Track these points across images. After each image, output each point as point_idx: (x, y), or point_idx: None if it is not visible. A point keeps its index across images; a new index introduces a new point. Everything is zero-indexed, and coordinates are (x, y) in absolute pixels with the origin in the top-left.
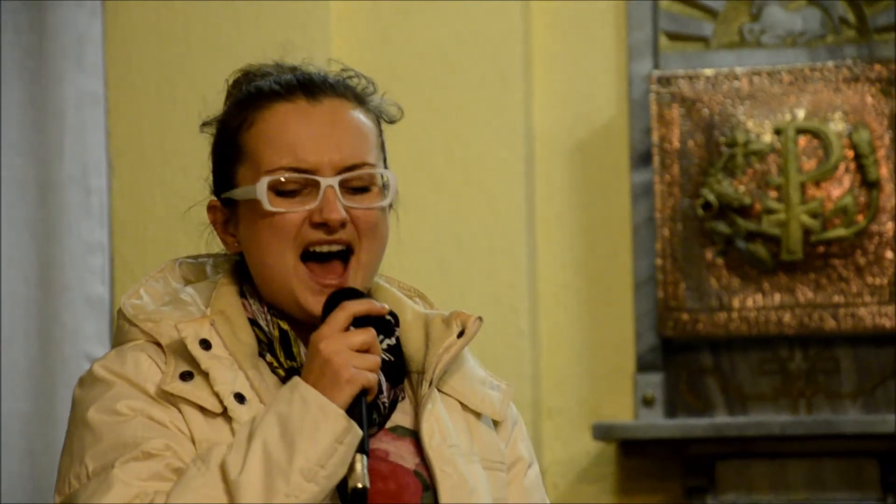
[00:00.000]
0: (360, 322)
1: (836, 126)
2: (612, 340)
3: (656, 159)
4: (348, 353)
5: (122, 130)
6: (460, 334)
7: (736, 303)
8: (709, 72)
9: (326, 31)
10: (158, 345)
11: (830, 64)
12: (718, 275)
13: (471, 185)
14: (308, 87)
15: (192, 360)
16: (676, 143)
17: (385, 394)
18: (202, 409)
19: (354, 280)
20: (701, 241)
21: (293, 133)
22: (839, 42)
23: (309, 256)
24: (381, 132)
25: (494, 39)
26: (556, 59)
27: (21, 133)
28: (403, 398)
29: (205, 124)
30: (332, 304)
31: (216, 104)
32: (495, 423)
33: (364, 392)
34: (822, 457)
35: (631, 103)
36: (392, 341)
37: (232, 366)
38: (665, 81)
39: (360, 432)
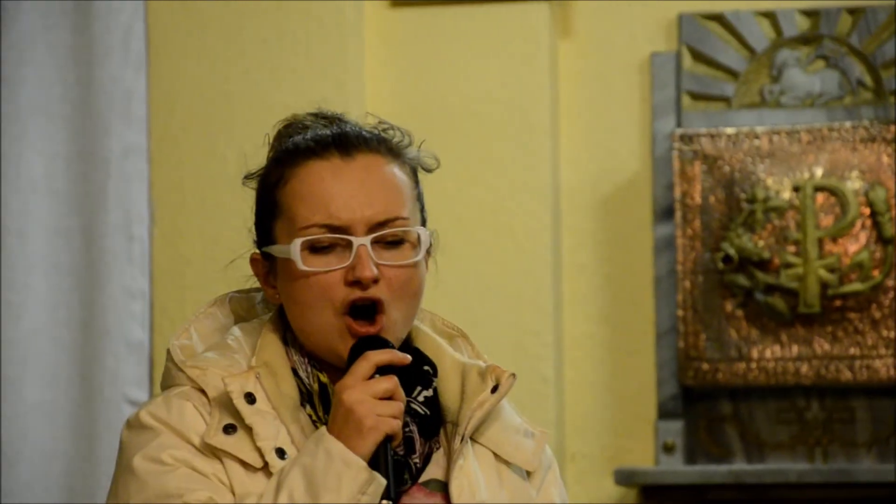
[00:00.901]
0: (385, 370)
1: (853, 184)
2: (634, 388)
3: (678, 214)
4: (371, 402)
5: (164, 181)
6: (494, 389)
7: (755, 353)
8: (730, 130)
9: (360, 86)
10: (203, 391)
11: (848, 124)
12: (738, 326)
13: (499, 236)
14: (342, 143)
15: (237, 414)
16: (698, 199)
17: (418, 451)
18: (243, 463)
19: (386, 334)
20: (721, 294)
21: (326, 190)
22: (856, 103)
23: (348, 310)
24: (416, 184)
25: (523, 96)
26: (582, 116)
27: (67, 183)
28: (438, 449)
29: (247, 177)
30: (355, 353)
31: (255, 156)
32: (528, 472)
33: (388, 439)
34: None
35: (654, 160)
36: (429, 393)
37: (275, 420)
38: (688, 139)
39: (383, 482)
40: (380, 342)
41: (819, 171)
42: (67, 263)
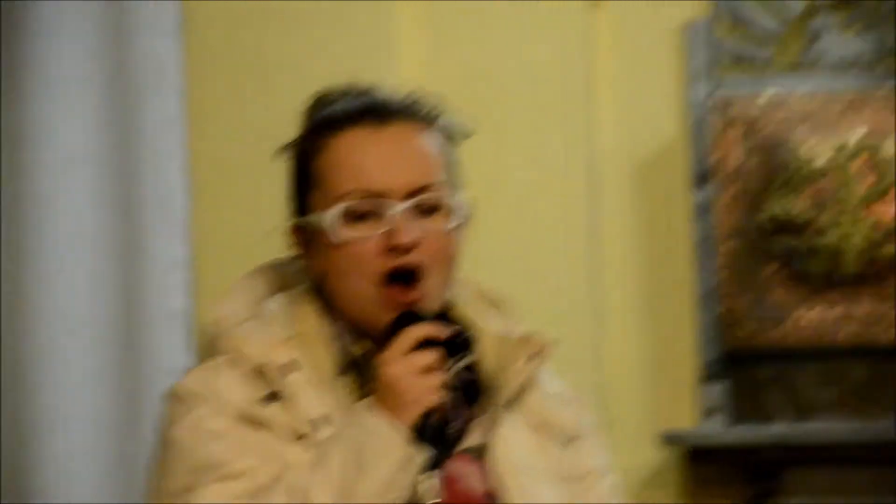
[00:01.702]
0: (426, 344)
1: (891, 147)
2: (674, 352)
3: (716, 179)
4: (412, 376)
5: (202, 150)
6: (534, 356)
7: (795, 316)
8: (767, 95)
9: (392, 55)
10: (242, 362)
11: (886, 87)
12: (777, 290)
13: (537, 203)
14: (375, 112)
15: (276, 384)
16: (735, 163)
17: (459, 419)
18: (283, 433)
19: (425, 301)
20: (760, 257)
21: (361, 158)
22: (894, 67)
23: (386, 278)
24: (450, 153)
25: (558, 64)
26: (617, 82)
27: (105, 153)
28: (479, 416)
29: (280, 150)
30: (397, 326)
31: (291, 125)
32: (569, 439)
33: (430, 412)
34: (884, 464)
35: (691, 125)
36: (471, 360)
37: (312, 390)
38: (724, 103)
39: (423, 456)
40: (421, 316)
41: (857, 135)
42: (107, 235)
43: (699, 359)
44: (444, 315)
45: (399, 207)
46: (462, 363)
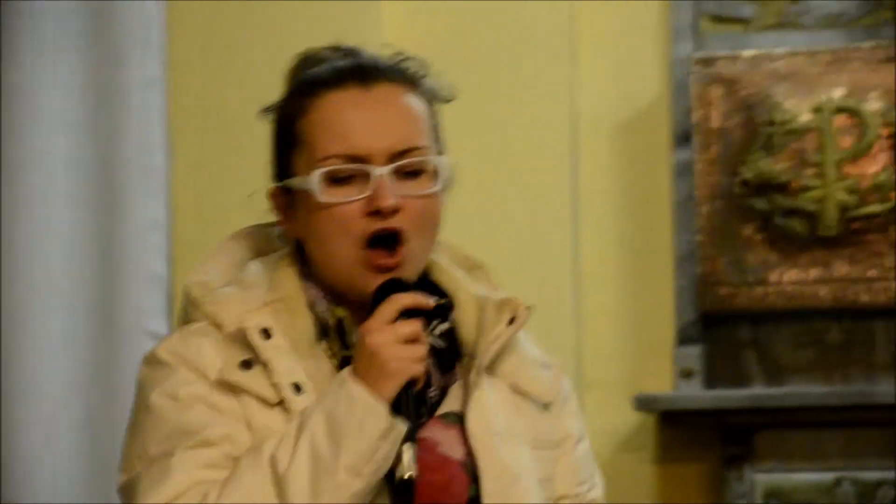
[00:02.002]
0: (408, 313)
1: (873, 105)
2: (652, 314)
3: (697, 139)
4: (395, 346)
5: (183, 111)
6: (511, 321)
7: (773, 277)
8: (748, 53)
9: (377, 17)
10: (220, 327)
11: (867, 45)
12: (756, 250)
13: (517, 163)
14: (360, 73)
15: (253, 349)
16: (717, 123)
17: (435, 385)
18: (260, 399)
19: (406, 265)
20: (740, 218)
21: (345, 121)
22: (876, 23)
23: (368, 241)
24: (434, 114)
25: (540, 23)
26: (600, 41)
27: (84, 114)
28: (455, 382)
29: (264, 111)
30: (380, 295)
31: (274, 87)
32: (545, 404)
33: (411, 382)
34: (858, 427)
35: (672, 84)
36: (446, 326)
37: (290, 355)
38: (706, 63)
39: (404, 427)
40: (405, 284)
41: (838, 93)
42: (85, 195)
43: (676, 321)
44: (426, 282)
45: (382, 170)
46: (440, 329)
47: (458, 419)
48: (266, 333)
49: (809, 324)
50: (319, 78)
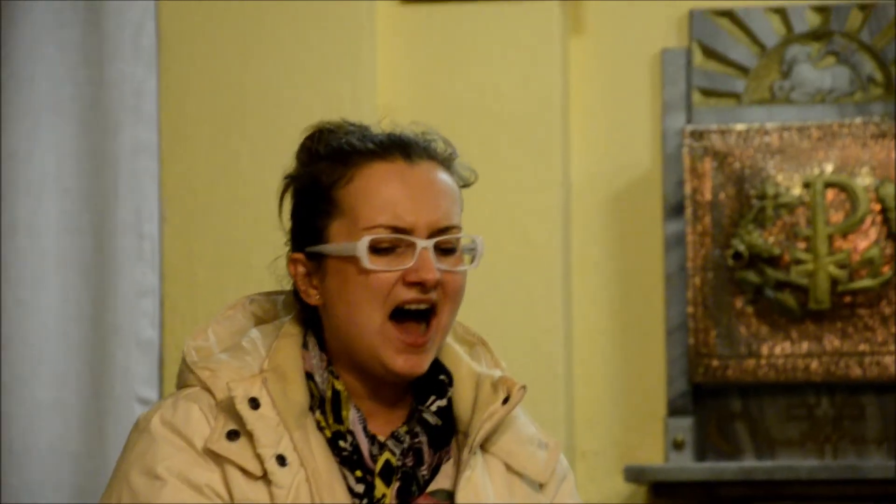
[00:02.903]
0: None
1: (864, 180)
2: (644, 385)
3: (689, 210)
4: None
5: (175, 178)
6: (505, 401)
7: (765, 350)
8: (740, 127)
9: (372, 84)
10: (213, 394)
11: (858, 120)
12: (748, 323)
13: (510, 232)
14: (404, 148)
15: (240, 419)
16: (708, 195)
17: (427, 461)
18: (244, 471)
19: (434, 339)
20: (731, 290)
21: (392, 192)
22: (867, 99)
23: (394, 315)
24: (461, 195)
25: (534, 93)
26: (593, 112)
27: (77, 180)
28: (448, 460)
29: (289, 177)
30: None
31: (265, 154)
32: (541, 484)
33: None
34: (848, 501)
35: (665, 156)
36: (443, 402)
37: (277, 427)
38: (698, 135)
39: None
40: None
41: (829, 168)
42: (77, 261)
43: (668, 392)
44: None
45: (427, 244)
46: (435, 404)
47: (449, 497)
48: (254, 403)
49: (800, 397)
50: (362, 148)
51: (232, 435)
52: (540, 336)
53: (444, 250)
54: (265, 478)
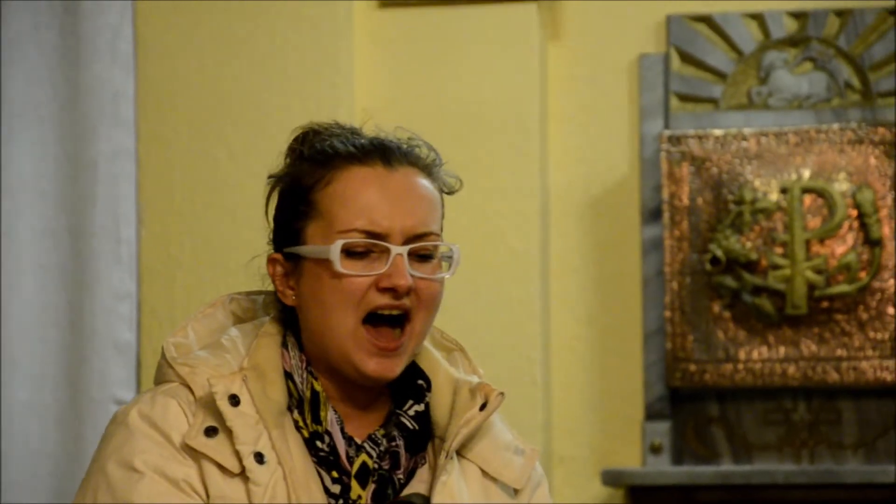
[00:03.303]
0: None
1: (841, 186)
2: (621, 390)
3: (666, 215)
4: None
5: (152, 182)
6: (482, 406)
7: (742, 355)
8: (718, 132)
9: (350, 87)
10: (191, 390)
11: (835, 126)
12: (725, 327)
13: (488, 238)
14: (384, 153)
15: (219, 416)
16: (686, 201)
17: (403, 465)
18: (221, 467)
19: (407, 345)
20: (708, 295)
21: (369, 197)
22: (844, 105)
23: (368, 319)
24: (442, 202)
25: (512, 98)
26: (570, 117)
27: (55, 184)
28: (424, 464)
29: (273, 177)
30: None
31: (243, 158)
32: (517, 489)
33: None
34: None
35: (642, 162)
36: (421, 407)
37: (257, 424)
38: (675, 141)
39: None
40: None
41: (806, 173)
42: (55, 265)
43: (645, 396)
44: (409, 365)
45: (401, 250)
46: (412, 409)
47: (425, 501)
48: (234, 400)
49: (777, 402)
50: (342, 151)
51: (210, 431)
52: (518, 341)
53: (421, 256)
54: (242, 475)
